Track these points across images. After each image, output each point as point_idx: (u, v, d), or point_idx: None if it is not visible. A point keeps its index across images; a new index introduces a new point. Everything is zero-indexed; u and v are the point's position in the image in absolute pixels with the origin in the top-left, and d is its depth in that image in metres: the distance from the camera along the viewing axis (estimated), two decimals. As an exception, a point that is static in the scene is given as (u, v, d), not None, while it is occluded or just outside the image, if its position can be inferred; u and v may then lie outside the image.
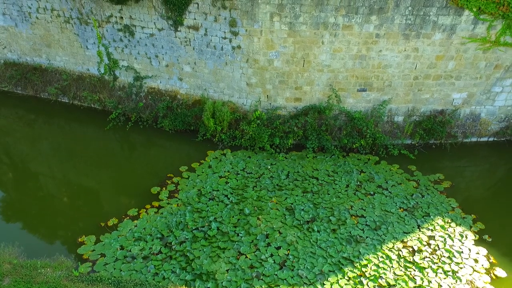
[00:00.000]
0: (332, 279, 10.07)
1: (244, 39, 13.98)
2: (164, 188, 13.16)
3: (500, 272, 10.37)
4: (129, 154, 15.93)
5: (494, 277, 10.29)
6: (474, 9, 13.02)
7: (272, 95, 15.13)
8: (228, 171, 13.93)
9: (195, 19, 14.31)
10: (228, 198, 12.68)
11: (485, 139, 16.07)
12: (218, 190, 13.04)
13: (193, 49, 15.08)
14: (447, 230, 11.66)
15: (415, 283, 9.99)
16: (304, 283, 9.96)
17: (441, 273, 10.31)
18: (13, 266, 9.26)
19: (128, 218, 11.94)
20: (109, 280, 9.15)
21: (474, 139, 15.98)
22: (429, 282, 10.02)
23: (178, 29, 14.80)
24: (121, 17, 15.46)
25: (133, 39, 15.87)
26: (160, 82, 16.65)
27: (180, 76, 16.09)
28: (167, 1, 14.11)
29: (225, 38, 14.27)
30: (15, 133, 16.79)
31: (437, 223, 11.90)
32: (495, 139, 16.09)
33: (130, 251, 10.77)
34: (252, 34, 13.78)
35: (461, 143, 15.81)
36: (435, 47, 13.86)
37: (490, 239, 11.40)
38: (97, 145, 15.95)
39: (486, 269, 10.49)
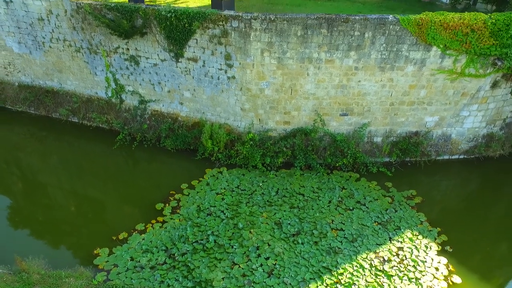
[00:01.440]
0: (312, 285, 11.79)
1: (238, 70, 15.72)
2: (167, 204, 14.87)
3: (457, 279, 12.10)
4: (135, 171, 17.62)
5: (451, 283, 12.03)
6: (441, 46, 14.80)
7: (264, 118, 16.87)
8: (224, 188, 15.65)
9: (194, 52, 16.04)
10: (224, 213, 14.40)
11: (456, 157, 17.83)
12: (215, 206, 14.75)
13: (193, 77, 16.80)
14: (415, 242, 13.40)
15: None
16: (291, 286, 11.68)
17: (406, 280, 12.04)
18: (41, 276, 10.95)
19: (136, 232, 13.64)
20: (119, 286, 10.84)
21: (446, 157, 17.74)
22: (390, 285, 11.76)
23: (179, 60, 16.53)
24: (128, 49, 17.17)
25: (138, 68, 17.58)
26: (163, 106, 18.36)
27: (180, 100, 17.81)
28: (169, 36, 15.84)
29: (221, 69, 16.00)
30: (26, 148, 18.58)
31: (406, 235, 13.63)
32: (465, 156, 17.84)
33: (139, 261, 12.47)
34: (245, 67, 15.52)
35: (434, 161, 17.56)
36: (408, 78, 15.63)
37: (451, 250, 13.13)
38: (106, 162, 17.65)
39: (444, 276, 12.22)
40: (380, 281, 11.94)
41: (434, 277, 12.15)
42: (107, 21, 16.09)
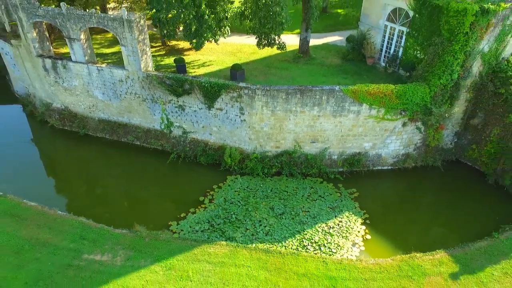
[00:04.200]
0: (289, 240, 21.86)
1: (247, 116, 25.90)
2: (206, 197, 24.99)
3: (368, 237, 22.21)
4: (182, 177, 27.65)
5: (364, 238, 22.14)
6: (368, 103, 24.99)
7: (263, 144, 27.05)
8: (239, 188, 25.77)
9: (220, 105, 26.22)
10: (240, 202, 24.50)
11: (385, 167, 28.00)
12: (234, 198, 24.87)
13: (219, 119, 26.98)
14: (349, 218, 23.50)
15: (327, 241, 21.81)
16: (277, 241, 21.75)
17: (341, 237, 22.14)
18: (146, 234, 21.07)
19: (190, 213, 23.75)
20: (189, 239, 20.96)
21: (379, 168, 27.90)
22: (334, 241, 21.85)
23: (210, 109, 26.71)
24: (177, 101, 27.36)
25: (183, 112, 27.77)
26: (198, 135, 28.53)
27: (210, 132, 28.00)
28: (205, 96, 26.02)
29: (237, 115, 26.18)
30: (97, 161, 28.58)
31: (345, 214, 23.74)
32: (391, 167, 28.01)
33: (194, 228, 22.57)
34: (251, 114, 25.71)
35: (371, 170, 27.72)
36: (350, 121, 25.80)
37: (368, 222, 23.25)
38: (161, 172, 27.71)
39: (362, 235, 22.32)
40: (325, 237, 22.07)
41: (356, 236, 22.28)
42: (167, 86, 26.30)
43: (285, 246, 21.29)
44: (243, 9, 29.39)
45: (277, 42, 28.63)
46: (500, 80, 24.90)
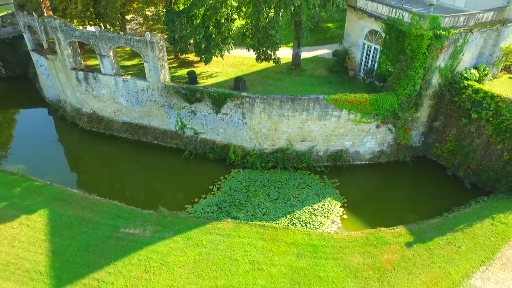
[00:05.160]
0: (282, 219, 27.40)
1: (248, 120, 31.49)
2: (214, 186, 30.58)
3: (345, 216, 27.80)
4: (194, 170, 33.22)
5: (342, 218, 27.72)
6: (347, 109, 30.55)
7: (261, 143, 32.63)
8: (242, 179, 31.33)
9: (226, 110, 31.81)
10: (242, 190, 30.06)
11: (363, 162, 33.56)
12: (237, 187, 30.42)
13: (225, 122, 32.57)
14: (330, 202, 29.07)
15: (312, 220, 27.36)
16: (272, 220, 27.29)
17: (323, 216, 27.70)
18: (168, 213, 26.69)
19: (202, 198, 29.34)
20: (202, 218, 26.56)
21: (358, 162, 33.47)
22: (317, 220, 27.39)
23: (217, 114, 32.30)
24: (190, 107, 32.94)
25: (195, 116, 33.36)
26: (207, 136, 34.12)
27: (217, 133, 33.60)
28: (213, 103, 31.61)
29: (239, 119, 31.77)
30: (122, 156, 34.18)
31: (327, 199, 29.29)
32: (368, 162, 33.57)
33: (206, 209, 28.15)
34: (252, 118, 31.30)
35: (351, 164, 33.29)
36: (333, 124, 31.36)
37: (346, 205, 28.81)
38: (176, 166, 33.29)
39: (340, 215, 27.90)
40: (311, 217, 27.63)
41: (335, 216, 27.84)
42: (182, 95, 31.92)
43: (278, 223, 26.85)
44: (244, 30, 34.96)
45: (273, 57, 34.18)
46: (455, 90, 30.50)
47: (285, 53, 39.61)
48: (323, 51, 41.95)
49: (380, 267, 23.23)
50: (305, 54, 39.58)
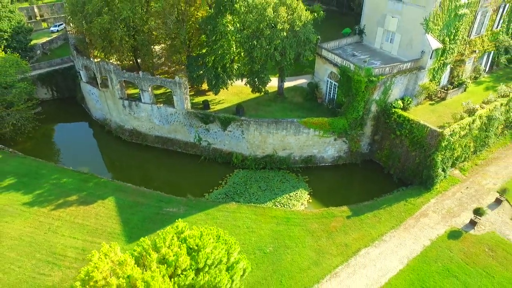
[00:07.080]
0: (268, 202, 41.46)
1: (246, 135, 45.66)
2: (222, 181, 44.69)
3: (310, 200, 41.91)
4: (207, 170, 47.26)
5: (308, 201, 41.83)
6: (313, 128, 44.72)
7: (255, 150, 46.78)
8: (242, 176, 45.46)
9: (230, 128, 45.94)
10: (242, 184, 44.16)
11: (327, 164, 47.72)
12: (239, 182, 44.49)
13: (229, 137, 46.72)
14: (302, 191, 43.14)
15: (288, 203, 41.41)
16: (262, 203, 41.33)
17: (295, 201, 41.78)
18: (188, 200, 40.85)
19: (215, 189, 43.43)
20: (216, 201, 40.65)
21: (322, 164, 47.61)
22: (291, 203, 41.49)
23: (224, 131, 46.44)
24: (205, 126, 47.06)
25: (208, 133, 47.49)
26: (217, 146, 48.23)
27: (224, 144, 47.75)
28: (222, 123, 45.74)
29: (240, 134, 45.92)
30: (154, 161, 48.31)
31: (299, 190, 43.32)
32: (330, 164, 47.72)
33: (218, 197, 42.23)
34: (248, 134, 45.47)
35: (318, 166, 47.44)
36: (304, 138, 45.49)
37: (312, 193, 42.89)
38: (194, 168, 47.35)
39: (307, 200, 41.99)
40: (288, 201, 41.75)
41: (304, 200, 41.93)
42: (199, 118, 46.06)
43: (265, 205, 40.90)
44: (243, 72, 49.10)
45: (263, 90, 48.26)
46: (387, 115, 44.67)
47: (273, 83, 53.66)
48: (302, 81, 55.96)
49: (328, 230, 37.40)
50: (287, 84, 53.57)
